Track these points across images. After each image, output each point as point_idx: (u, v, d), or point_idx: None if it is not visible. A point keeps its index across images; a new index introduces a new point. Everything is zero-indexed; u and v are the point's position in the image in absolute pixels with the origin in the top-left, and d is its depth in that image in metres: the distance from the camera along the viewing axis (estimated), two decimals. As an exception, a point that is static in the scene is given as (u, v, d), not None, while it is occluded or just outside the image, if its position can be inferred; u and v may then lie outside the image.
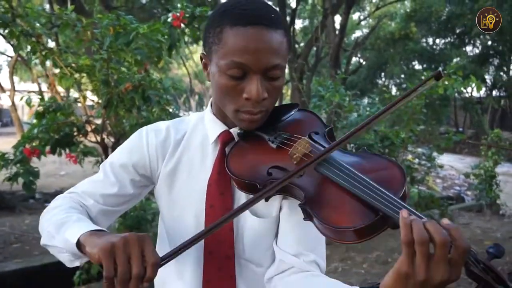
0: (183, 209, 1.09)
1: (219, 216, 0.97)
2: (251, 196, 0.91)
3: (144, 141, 1.12)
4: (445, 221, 0.71)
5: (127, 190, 1.12)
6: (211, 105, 1.15)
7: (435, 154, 5.56)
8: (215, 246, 1.04)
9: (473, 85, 4.57)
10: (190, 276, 1.07)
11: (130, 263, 0.78)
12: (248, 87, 0.96)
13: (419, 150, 5.80)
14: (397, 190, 0.81)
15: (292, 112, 1.12)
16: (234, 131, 1.10)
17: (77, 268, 3.11)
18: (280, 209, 1.04)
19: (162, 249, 1.12)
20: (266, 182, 0.94)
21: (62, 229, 0.95)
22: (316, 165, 0.90)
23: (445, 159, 7.79)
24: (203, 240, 1.03)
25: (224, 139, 1.09)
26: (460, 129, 21.19)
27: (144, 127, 1.16)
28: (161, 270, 0.84)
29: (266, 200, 0.97)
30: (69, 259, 0.97)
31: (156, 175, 1.13)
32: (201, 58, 1.08)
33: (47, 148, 3.08)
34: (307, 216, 0.88)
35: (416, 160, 5.60)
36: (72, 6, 3.06)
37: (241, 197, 1.05)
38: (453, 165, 8.30)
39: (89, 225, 0.94)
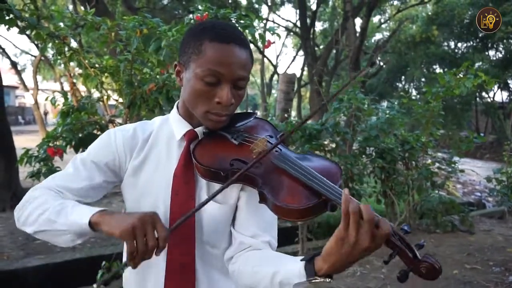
0: (150, 197, 1.22)
1: (183, 201, 1.18)
2: (213, 183, 1.16)
3: (112, 139, 1.26)
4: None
5: (96, 185, 1.24)
6: (177, 107, 1.30)
7: (455, 158, 5.47)
8: (178, 228, 1.12)
9: (495, 89, 4.51)
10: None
11: (146, 238, 0.95)
12: (220, 92, 1.14)
13: (439, 154, 5.72)
14: (336, 181, 1.02)
15: (251, 119, 1.32)
16: (199, 130, 1.25)
17: (99, 267, 3.19)
18: (239, 199, 1.21)
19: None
20: (228, 171, 1.11)
21: (62, 214, 1.07)
22: (272, 158, 1.10)
23: (465, 164, 7.66)
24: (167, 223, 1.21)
25: (190, 137, 1.24)
26: (482, 134, 20.84)
27: (112, 129, 1.30)
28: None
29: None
30: (71, 239, 1.08)
31: (124, 170, 1.26)
32: (175, 66, 1.24)
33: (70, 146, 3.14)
34: (263, 199, 1.05)
35: (436, 165, 5.52)
36: (93, 9, 3.12)
37: (203, 186, 1.21)
38: (474, 170, 8.17)
39: (91, 207, 1.06)
